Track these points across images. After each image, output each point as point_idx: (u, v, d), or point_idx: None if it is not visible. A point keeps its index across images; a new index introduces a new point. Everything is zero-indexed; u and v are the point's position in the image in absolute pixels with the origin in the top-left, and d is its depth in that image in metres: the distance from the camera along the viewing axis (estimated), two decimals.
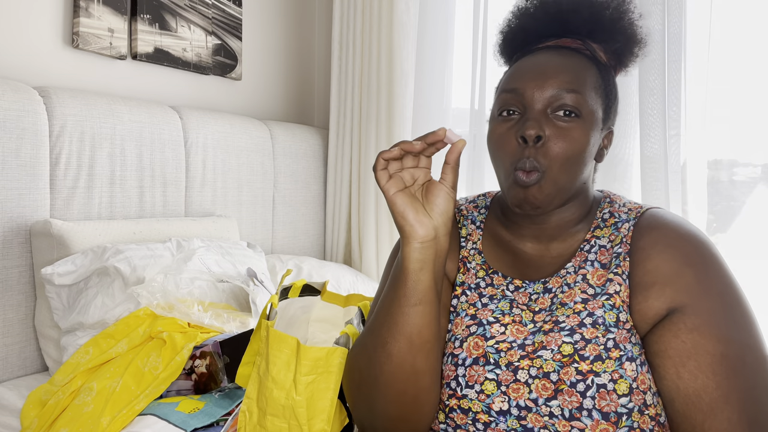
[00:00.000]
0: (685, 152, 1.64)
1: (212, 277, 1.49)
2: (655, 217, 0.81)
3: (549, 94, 0.78)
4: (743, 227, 1.63)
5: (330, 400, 0.84)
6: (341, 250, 2.30)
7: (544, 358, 0.75)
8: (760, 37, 1.59)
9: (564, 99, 0.77)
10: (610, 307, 0.76)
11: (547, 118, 0.78)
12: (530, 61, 0.82)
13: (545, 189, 0.78)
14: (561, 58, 0.80)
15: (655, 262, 0.76)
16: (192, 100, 2.03)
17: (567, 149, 0.77)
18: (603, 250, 0.81)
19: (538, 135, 0.76)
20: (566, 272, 0.81)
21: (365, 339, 0.79)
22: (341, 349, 0.86)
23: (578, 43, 0.83)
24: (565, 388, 0.73)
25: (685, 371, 0.71)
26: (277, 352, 0.86)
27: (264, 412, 0.87)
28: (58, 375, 1.24)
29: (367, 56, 2.16)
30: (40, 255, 1.44)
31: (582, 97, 0.77)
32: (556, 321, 0.78)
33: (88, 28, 1.67)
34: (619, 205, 0.85)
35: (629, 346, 0.74)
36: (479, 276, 0.86)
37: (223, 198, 1.94)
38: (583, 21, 0.82)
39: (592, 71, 0.80)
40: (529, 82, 0.79)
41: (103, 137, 1.59)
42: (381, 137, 2.15)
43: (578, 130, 0.77)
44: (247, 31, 2.23)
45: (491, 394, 0.76)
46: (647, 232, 0.79)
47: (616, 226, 0.82)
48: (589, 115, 0.78)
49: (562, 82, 0.78)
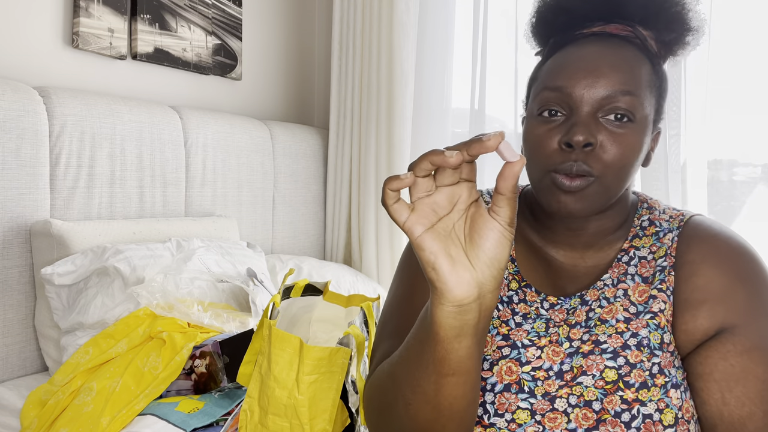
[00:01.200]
0: (685, 152, 1.64)
1: (212, 277, 1.49)
2: (702, 226, 0.74)
3: (602, 95, 0.67)
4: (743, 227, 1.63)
5: (332, 400, 0.84)
6: (341, 250, 2.30)
7: (585, 385, 0.69)
8: (760, 37, 1.59)
9: (618, 101, 0.67)
10: (655, 327, 0.70)
11: (597, 122, 0.68)
12: (577, 54, 0.70)
13: (592, 196, 0.68)
14: (613, 52, 0.69)
15: (706, 278, 0.69)
16: (192, 100, 2.03)
17: (621, 156, 0.67)
18: (644, 262, 0.74)
19: (588, 142, 0.66)
20: (603, 284, 0.74)
21: (384, 384, 0.66)
22: (344, 350, 0.86)
23: (628, 30, 0.71)
24: (608, 418, 0.67)
25: (732, 397, 0.66)
26: (279, 351, 0.86)
27: (265, 411, 0.87)
28: (58, 375, 1.24)
29: (367, 56, 2.16)
30: (40, 255, 1.44)
31: (638, 100, 0.67)
32: (596, 341, 0.71)
33: (88, 28, 1.67)
34: (659, 212, 0.78)
35: (674, 371, 0.69)
36: (512, 288, 0.77)
37: (223, 198, 1.94)
38: (638, 5, 0.71)
39: (646, 67, 0.70)
40: (578, 81, 0.68)
41: (103, 137, 1.59)
42: (381, 137, 2.15)
43: (632, 135, 0.68)
44: (247, 31, 2.23)
45: (523, 423, 0.69)
46: (696, 245, 0.72)
47: (657, 236, 0.75)
48: (643, 119, 0.69)
49: (617, 82, 0.67)
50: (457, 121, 2.22)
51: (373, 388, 0.70)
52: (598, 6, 0.72)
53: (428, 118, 2.19)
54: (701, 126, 1.64)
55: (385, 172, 2.15)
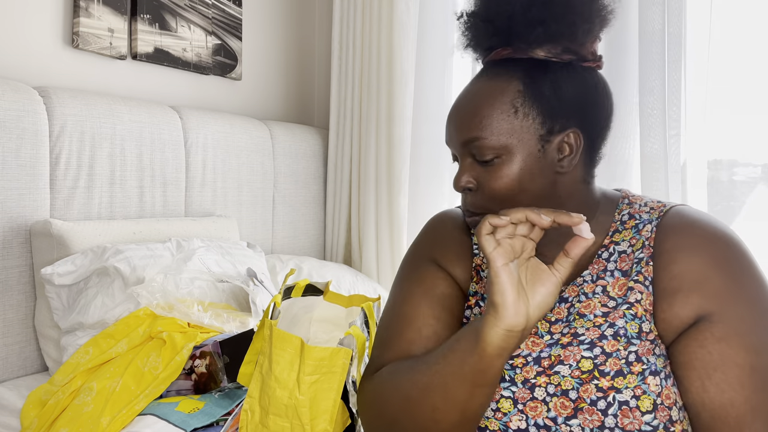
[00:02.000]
0: (685, 152, 1.64)
1: (212, 277, 1.49)
2: (681, 215, 0.75)
3: (462, 143, 0.76)
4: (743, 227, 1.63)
5: (333, 401, 0.84)
6: (341, 250, 2.30)
7: (562, 375, 0.71)
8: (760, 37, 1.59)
9: (474, 147, 0.74)
10: (632, 317, 0.72)
11: (473, 165, 0.76)
12: (454, 104, 0.80)
13: None
14: (478, 89, 0.75)
15: (681, 267, 0.71)
16: (192, 100, 2.03)
17: (501, 188, 0.73)
18: (623, 257, 0.76)
19: (465, 187, 0.76)
20: (583, 281, 0.76)
21: (407, 390, 0.72)
22: (345, 350, 0.86)
23: (509, 51, 0.75)
24: (585, 406, 0.69)
25: (711, 384, 0.67)
26: (280, 351, 0.86)
27: (266, 411, 0.87)
28: (58, 375, 1.24)
29: (367, 56, 2.16)
30: (40, 255, 1.44)
31: (487, 139, 0.73)
32: (574, 333, 0.73)
33: (88, 28, 1.67)
34: (640, 204, 0.79)
35: (653, 358, 0.70)
36: None
37: (223, 198, 1.94)
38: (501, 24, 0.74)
39: (509, 92, 0.73)
40: (449, 135, 0.79)
41: (103, 137, 1.59)
42: (381, 137, 2.15)
43: (504, 166, 0.73)
44: (247, 31, 2.23)
45: (508, 412, 0.72)
46: (672, 233, 0.73)
47: (636, 228, 0.77)
48: (510, 147, 0.73)
49: (464, 131, 0.75)
50: None
51: (384, 395, 0.75)
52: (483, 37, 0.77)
53: (428, 118, 2.18)
54: (701, 126, 1.64)
55: (385, 172, 2.15)
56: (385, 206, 2.16)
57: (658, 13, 1.63)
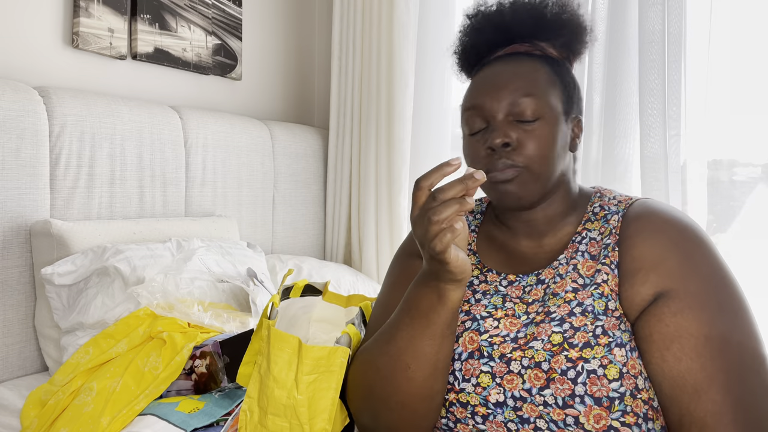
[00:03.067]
0: (685, 152, 1.64)
1: (212, 277, 1.49)
2: (643, 206, 0.82)
3: (506, 102, 0.81)
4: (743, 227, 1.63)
5: (331, 400, 0.84)
6: (341, 250, 2.30)
7: (535, 349, 0.77)
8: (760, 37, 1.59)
9: (521, 104, 0.80)
10: (599, 295, 0.78)
11: (511, 125, 0.81)
12: (483, 75, 0.86)
13: (526, 183, 0.81)
14: (512, 66, 0.84)
15: (640, 249, 0.78)
16: (192, 100, 2.03)
17: (539, 147, 0.80)
18: (593, 242, 0.83)
19: (504, 142, 0.80)
20: (558, 263, 0.83)
21: (378, 360, 0.80)
22: (343, 349, 0.86)
23: (527, 47, 0.86)
24: (556, 376, 0.74)
25: (669, 354, 0.72)
26: (278, 351, 0.86)
27: (265, 412, 0.87)
28: (58, 375, 1.24)
29: (367, 56, 2.16)
30: (40, 255, 1.44)
31: (538, 99, 0.81)
32: (547, 312, 0.80)
33: (88, 28, 1.67)
34: (609, 198, 0.87)
35: (618, 332, 0.75)
36: (473, 275, 0.89)
37: (223, 198, 1.94)
38: (526, 25, 0.85)
39: (544, 70, 0.84)
40: (485, 96, 0.83)
41: (103, 137, 1.59)
42: (381, 137, 2.15)
43: (543, 128, 0.80)
44: (247, 31, 2.23)
45: (487, 386, 0.78)
46: (634, 221, 0.80)
47: (605, 219, 0.84)
48: (550, 112, 0.81)
49: (515, 88, 0.81)
50: (457, 121, 2.22)
51: (361, 370, 0.83)
52: (497, 35, 0.87)
53: (428, 118, 2.18)
54: (701, 126, 1.64)
55: (386, 172, 2.15)
56: (385, 206, 2.16)
57: (658, 13, 1.63)
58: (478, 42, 0.89)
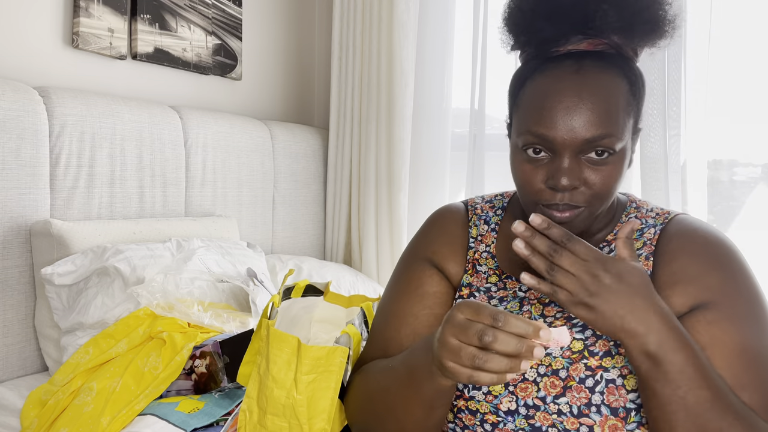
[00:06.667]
0: (685, 152, 1.64)
1: (212, 277, 1.49)
2: (684, 223, 0.79)
3: (582, 139, 0.70)
4: (743, 227, 1.63)
5: (330, 400, 0.84)
6: (341, 250, 2.30)
7: (554, 356, 0.74)
8: (760, 37, 1.59)
9: (598, 143, 0.70)
10: None
11: (579, 163, 0.72)
12: (554, 89, 0.71)
13: (583, 221, 0.74)
14: (591, 84, 0.70)
15: (680, 263, 0.75)
16: (192, 100, 2.03)
17: (605, 186, 0.72)
18: None
19: (574, 186, 0.71)
20: None
21: (373, 405, 0.79)
22: (342, 349, 0.86)
23: (603, 44, 0.72)
24: (573, 384, 0.73)
25: None
26: (277, 351, 0.86)
27: (264, 411, 0.87)
28: (58, 375, 1.24)
29: (367, 56, 2.16)
30: (40, 255, 1.44)
31: (616, 137, 0.70)
32: (568, 317, 0.77)
33: (88, 28, 1.67)
34: (646, 210, 0.83)
35: None
36: (491, 281, 0.84)
37: (223, 198, 1.94)
38: (613, 15, 0.71)
39: (623, 86, 0.72)
40: (558, 127, 0.70)
41: (103, 137, 1.59)
42: (381, 137, 2.15)
43: (614, 164, 0.72)
44: (247, 31, 2.23)
45: (499, 394, 0.76)
46: (675, 237, 0.77)
47: (641, 232, 0.80)
48: (623, 147, 0.72)
49: (596, 125, 0.69)
50: (457, 121, 2.22)
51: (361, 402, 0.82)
52: (573, 19, 0.72)
53: (428, 118, 2.19)
54: (701, 126, 1.64)
55: (386, 172, 2.15)
56: (385, 206, 2.16)
57: None
58: (545, 28, 0.73)
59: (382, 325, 0.87)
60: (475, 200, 0.93)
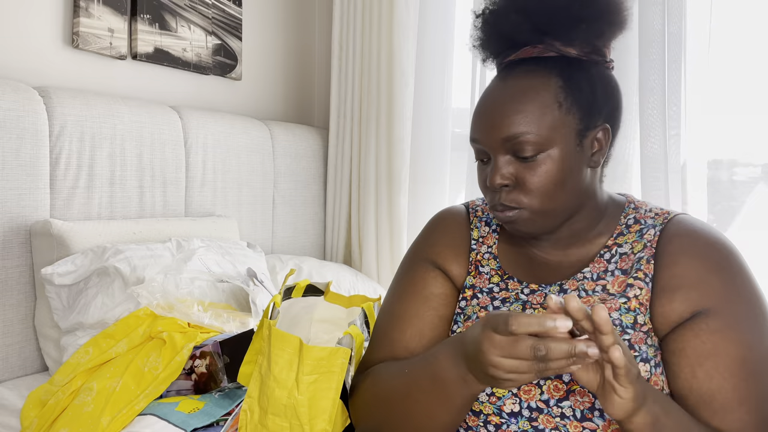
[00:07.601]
0: (685, 152, 1.64)
1: (212, 277, 1.49)
2: (684, 223, 0.79)
3: (502, 139, 0.75)
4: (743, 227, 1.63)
5: (332, 400, 0.84)
6: (341, 250, 2.30)
7: None
8: (760, 38, 1.59)
9: (519, 142, 0.74)
10: (626, 310, 0.75)
11: (510, 162, 0.76)
12: (484, 100, 0.79)
13: (534, 220, 0.77)
14: (517, 85, 0.75)
15: (683, 267, 0.75)
16: (192, 100, 2.03)
17: (542, 184, 0.75)
18: (624, 257, 0.79)
19: (503, 184, 0.76)
20: (584, 277, 0.80)
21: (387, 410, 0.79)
22: (344, 350, 0.86)
23: (539, 49, 0.76)
24: (577, 388, 0.73)
25: (701, 371, 0.70)
26: (279, 351, 0.86)
27: (265, 411, 0.87)
28: (58, 375, 1.24)
29: (367, 56, 2.16)
30: (40, 255, 1.44)
31: (538, 133, 0.73)
32: None
33: (88, 28, 1.67)
34: (645, 210, 0.83)
35: (644, 347, 0.73)
36: (493, 281, 0.85)
37: (223, 198, 1.94)
38: (533, 26, 0.75)
39: (555, 86, 0.74)
40: (483, 131, 0.77)
41: (103, 137, 1.59)
42: (381, 137, 2.15)
43: (547, 162, 0.74)
44: (247, 31, 2.23)
45: (502, 396, 0.76)
46: (676, 239, 0.77)
47: (640, 233, 0.80)
48: (557, 141, 0.74)
49: (512, 125, 0.74)
50: (457, 121, 2.22)
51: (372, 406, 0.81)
52: (501, 34, 0.78)
53: (428, 118, 2.18)
54: (701, 126, 1.64)
55: (386, 172, 2.15)
56: (385, 206, 2.16)
57: (658, 14, 1.63)
58: (491, 42, 0.81)
59: (386, 327, 0.87)
60: (476, 202, 0.95)
